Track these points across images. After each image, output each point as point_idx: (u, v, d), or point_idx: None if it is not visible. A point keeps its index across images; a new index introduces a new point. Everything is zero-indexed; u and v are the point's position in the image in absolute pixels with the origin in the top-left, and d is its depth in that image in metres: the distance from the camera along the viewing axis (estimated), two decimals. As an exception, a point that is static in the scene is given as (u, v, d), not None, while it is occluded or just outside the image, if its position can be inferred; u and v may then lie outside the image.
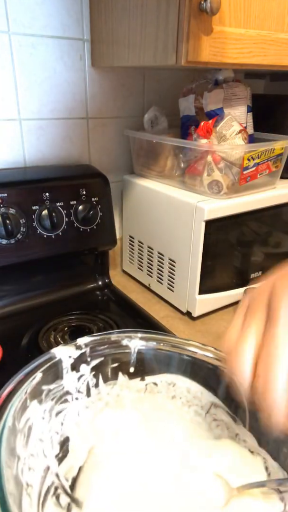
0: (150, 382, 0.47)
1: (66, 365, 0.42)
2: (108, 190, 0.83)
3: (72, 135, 0.86)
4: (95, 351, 0.44)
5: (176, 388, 0.46)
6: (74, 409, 0.43)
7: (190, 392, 0.46)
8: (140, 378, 0.46)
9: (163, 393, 0.47)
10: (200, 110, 0.80)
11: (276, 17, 0.65)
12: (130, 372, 0.46)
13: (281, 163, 0.83)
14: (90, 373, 0.44)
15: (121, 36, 0.70)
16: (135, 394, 0.47)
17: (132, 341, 0.45)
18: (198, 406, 0.46)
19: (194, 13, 0.56)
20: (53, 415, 0.41)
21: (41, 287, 0.85)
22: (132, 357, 0.45)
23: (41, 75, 0.78)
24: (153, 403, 0.47)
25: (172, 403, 0.46)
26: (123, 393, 0.46)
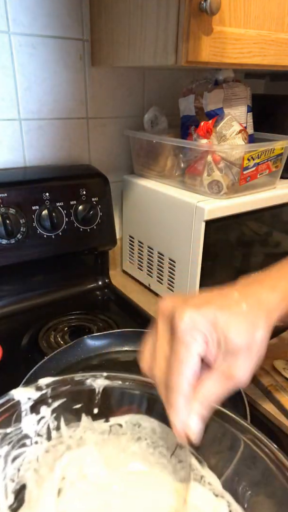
0: (115, 424, 0.44)
1: (25, 407, 0.39)
2: (108, 190, 0.83)
3: (72, 135, 0.86)
4: (57, 392, 0.41)
5: (141, 429, 0.44)
6: (33, 453, 0.41)
7: (156, 433, 0.44)
8: (104, 420, 0.44)
9: (128, 435, 0.45)
10: (200, 110, 0.80)
11: (276, 17, 0.65)
12: (94, 413, 0.44)
13: (281, 163, 0.83)
14: (51, 415, 0.41)
15: (121, 36, 0.70)
16: (99, 436, 0.44)
17: (96, 380, 0.43)
18: (164, 447, 0.44)
19: (194, 13, 0.56)
20: (8, 461, 0.38)
21: (41, 287, 0.85)
22: (96, 397, 0.43)
23: (41, 75, 0.78)
24: (117, 446, 0.45)
25: (137, 445, 0.44)
26: (86, 435, 0.44)
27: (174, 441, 0.42)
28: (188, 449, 0.41)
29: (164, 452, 0.44)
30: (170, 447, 0.43)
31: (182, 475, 0.42)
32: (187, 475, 0.40)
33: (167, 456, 0.43)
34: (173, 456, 0.43)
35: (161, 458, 0.44)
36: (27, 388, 0.40)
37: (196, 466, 0.41)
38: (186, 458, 0.41)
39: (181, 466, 0.43)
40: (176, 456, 0.43)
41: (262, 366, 0.65)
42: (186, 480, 0.40)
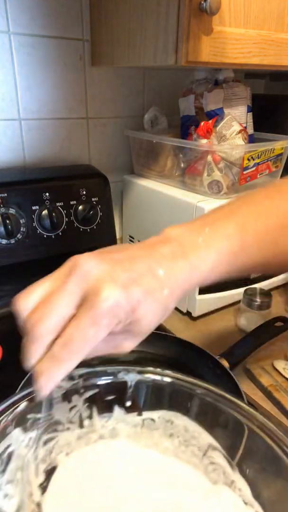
0: (148, 418, 0.45)
1: (56, 395, 0.40)
2: (108, 190, 0.83)
3: (72, 135, 0.86)
4: (89, 383, 0.42)
5: (173, 426, 0.44)
6: (65, 438, 0.42)
7: (188, 431, 0.44)
8: (137, 413, 0.44)
9: (160, 430, 0.45)
10: (200, 110, 0.80)
11: (276, 17, 0.65)
12: (127, 406, 0.44)
13: (281, 163, 0.83)
14: (83, 404, 0.42)
15: (121, 36, 0.70)
16: (132, 429, 0.45)
17: (129, 374, 0.44)
18: (195, 446, 0.43)
19: (194, 13, 0.56)
20: (40, 444, 0.39)
21: (41, 287, 0.85)
22: (129, 390, 0.44)
23: (41, 75, 0.78)
24: (150, 440, 0.45)
25: (169, 441, 0.45)
26: (119, 426, 0.45)
27: (206, 441, 0.43)
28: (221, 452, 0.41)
29: (196, 452, 0.44)
30: (201, 447, 0.43)
31: (213, 477, 0.42)
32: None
33: (199, 456, 0.43)
34: (204, 457, 0.43)
35: (193, 457, 0.44)
36: None
37: (227, 469, 0.41)
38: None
39: (212, 467, 0.42)
40: (207, 457, 0.43)
41: (262, 366, 0.66)
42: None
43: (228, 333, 0.78)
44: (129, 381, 0.44)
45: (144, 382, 0.44)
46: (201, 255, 0.36)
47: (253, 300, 0.75)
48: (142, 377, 0.44)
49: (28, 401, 0.38)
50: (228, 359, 0.64)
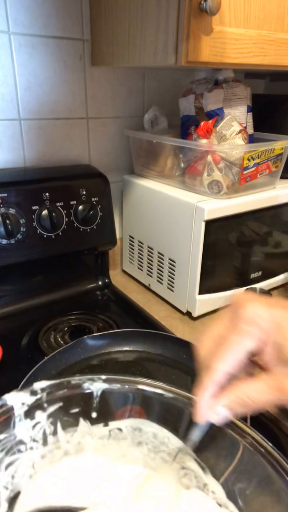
0: (114, 428, 0.43)
1: (18, 412, 0.38)
2: (108, 190, 0.83)
3: (72, 135, 0.86)
4: (53, 396, 0.40)
5: (142, 433, 0.43)
6: (28, 459, 0.39)
7: (157, 437, 0.42)
8: (103, 424, 0.43)
9: (128, 440, 0.43)
10: (200, 110, 0.80)
11: (276, 17, 0.65)
12: (92, 418, 0.42)
13: (281, 163, 0.83)
14: (47, 420, 0.40)
15: (121, 36, 0.70)
16: (98, 441, 0.43)
17: (94, 384, 0.42)
18: (165, 452, 0.42)
19: (194, 13, 0.56)
20: (2, 468, 0.37)
21: (41, 287, 0.85)
22: (95, 401, 0.42)
23: (41, 75, 0.78)
24: (117, 451, 0.43)
25: (138, 450, 0.43)
26: (85, 440, 0.43)
27: (176, 446, 0.42)
28: (192, 456, 0.40)
29: (166, 458, 0.43)
30: (171, 452, 0.42)
31: (185, 482, 0.41)
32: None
33: (169, 461, 0.42)
34: (174, 462, 0.42)
35: (163, 463, 0.43)
36: (21, 393, 0.39)
37: (199, 473, 0.41)
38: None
39: (184, 472, 0.42)
40: (178, 462, 0.42)
41: (262, 366, 0.65)
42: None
43: (228, 333, 0.77)
44: (94, 391, 0.42)
45: (111, 391, 0.42)
46: None
47: (253, 300, 0.75)
48: (109, 386, 0.42)
49: None
50: (228, 359, 0.64)
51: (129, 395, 0.42)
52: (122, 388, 0.42)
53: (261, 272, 0.88)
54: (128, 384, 0.42)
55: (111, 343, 0.66)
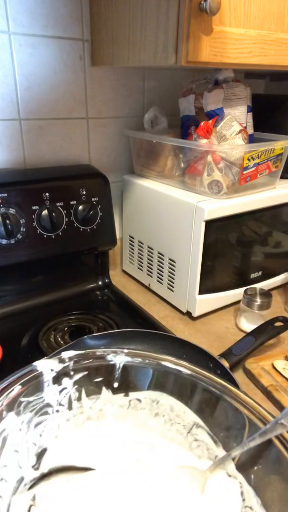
0: (134, 398, 0.46)
1: (47, 378, 0.41)
2: (108, 190, 0.83)
3: (72, 135, 0.86)
4: (79, 365, 0.43)
5: (159, 405, 0.46)
6: (54, 421, 0.43)
7: (173, 410, 0.45)
8: (124, 394, 0.46)
9: (146, 410, 0.46)
10: (200, 110, 0.80)
11: (276, 17, 0.65)
12: (114, 387, 0.45)
13: (281, 163, 0.83)
14: (73, 386, 0.43)
15: (121, 36, 0.70)
16: (118, 410, 0.46)
17: (117, 356, 0.45)
18: (180, 425, 0.45)
19: (194, 13, 0.56)
20: (31, 427, 0.40)
21: (41, 287, 0.85)
22: (117, 372, 0.45)
23: (41, 75, 0.78)
24: (136, 420, 0.46)
25: (155, 421, 0.46)
26: (106, 407, 0.46)
27: (192, 420, 0.44)
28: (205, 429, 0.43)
29: (181, 430, 0.45)
30: (187, 425, 0.44)
31: (197, 453, 0.44)
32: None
33: (183, 434, 0.45)
34: (189, 434, 0.44)
35: (178, 435, 0.45)
36: (50, 360, 0.42)
37: (212, 445, 0.43)
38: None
39: (197, 444, 0.44)
40: (192, 434, 0.44)
41: (262, 366, 0.66)
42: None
43: (228, 333, 0.78)
44: (117, 363, 0.45)
45: (132, 364, 0.45)
46: None
47: (253, 300, 0.75)
48: (130, 359, 0.45)
49: (21, 385, 0.39)
50: (228, 359, 0.64)
51: (149, 369, 0.45)
52: (143, 362, 0.45)
53: (261, 272, 0.88)
54: (148, 359, 0.45)
55: (111, 343, 0.66)
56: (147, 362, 0.45)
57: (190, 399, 0.44)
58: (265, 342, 0.69)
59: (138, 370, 0.45)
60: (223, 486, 0.40)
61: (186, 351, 0.64)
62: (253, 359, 0.67)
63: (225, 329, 0.79)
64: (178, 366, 0.45)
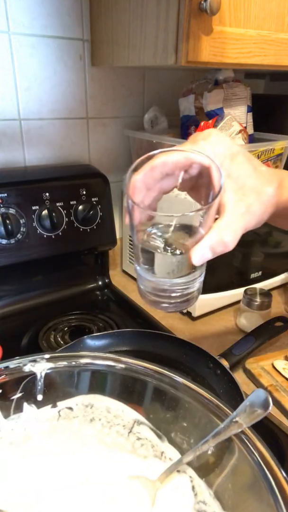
0: (64, 408, 0.41)
1: None
2: (108, 190, 0.83)
3: (72, 135, 0.86)
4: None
5: (94, 409, 0.41)
6: None
7: (110, 411, 0.41)
8: (51, 405, 0.40)
9: (80, 418, 0.41)
10: (200, 110, 0.80)
11: (276, 17, 0.65)
12: (38, 400, 0.40)
13: (281, 163, 0.83)
14: None
15: (121, 36, 0.70)
16: (46, 424, 0.40)
17: (36, 365, 0.40)
18: (120, 425, 0.41)
19: (194, 13, 0.56)
20: None
21: (41, 287, 0.85)
22: (39, 383, 0.40)
23: (41, 75, 0.78)
24: (68, 431, 0.41)
25: (91, 427, 0.41)
26: (31, 425, 0.40)
27: (131, 417, 0.40)
28: (148, 425, 0.40)
29: (121, 431, 0.41)
30: (127, 424, 0.41)
31: (142, 453, 0.40)
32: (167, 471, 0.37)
33: (124, 435, 0.41)
34: (131, 434, 0.41)
35: (119, 437, 0.41)
36: None
37: (155, 442, 0.40)
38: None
39: (140, 443, 0.40)
40: (134, 433, 0.41)
41: (262, 366, 0.66)
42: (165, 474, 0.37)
43: (228, 333, 0.78)
44: (37, 372, 0.40)
45: (56, 370, 0.40)
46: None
47: (253, 300, 0.75)
48: (53, 365, 0.40)
49: None
50: (228, 359, 0.64)
51: (78, 372, 0.41)
52: (68, 365, 0.40)
53: (261, 272, 0.88)
54: (74, 360, 0.40)
55: (111, 343, 0.66)
56: (74, 364, 0.40)
57: (131, 395, 0.41)
58: (265, 342, 0.69)
59: (64, 375, 0.41)
60: (171, 484, 0.37)
61: (186, 351, 0.64)
62: (253, 359, 0.67)
63: (225, 329, 0.79)
64: (109, 361, 0.40)
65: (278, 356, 0.68)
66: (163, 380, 0.39)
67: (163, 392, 0.39)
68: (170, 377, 0.39)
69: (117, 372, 0.40)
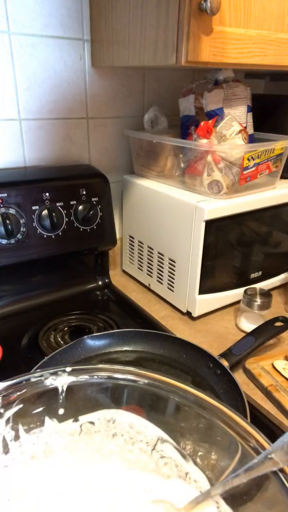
0: (86, 422, 0.40)
1: None
2: (108, 190, 0.83)
3: (72, 135, 0.86)
4: (9, 400, 0.37)
5: (116, 424, 0.40)
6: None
7: (133, 427, 0.40)
8: (73, 419, 0.40)
9: (102, 432, 0.40)
10: (200, 110, 0.80)
11: (276, 17, 0.65)
12: (60, 414, 0.39)
13: (281, 163, 0.83)
14: (6, 426, 0.37)
15: (121, 36, 0.70)
16: (68, 439, 0.40)
17: (58, 379, 0.39)
18: (143, 442, 0.40)
19: (194, 13, 0.56)
20: None
21: (41, 287, 0.85)
22: (60, 396, 0.39)
23: (41, 75, 0.78)
24: (91, 446, 0.40)
25: (113, 442, 0.40)
26: (52, 439, 0.39)
27: (155, 435, 0.39)
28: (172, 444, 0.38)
29: (144, 448, 0.40)
30: (150, 441, 0.40)
31: (166, 472, 0.39)
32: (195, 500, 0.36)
33: (147, 452, 0.40)
34: (154, 451, 0.40)
35: (141, 454, 0.40)
36: None
37: (180, 461, 0.38)
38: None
39: (163, 462, 0.39)
40: (157, 451, 0.40)
41: (262, 366, 0.66)
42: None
43: (228, 333, 0.78)
44: (59, 386, 0.39)
45: (78, 384, 0.39)
46: None
47: (253, 300, 0.75)
48: (75, 378, 0.39)
49: None
50: (228, 359, 0.64)
51: (100, 386, 0.40)
52: (91, 379, 0.39)
53: (261, 272, 0.88)
54: (97, 374, 0.40)
55: (111, 343, 0.66)
56: (96, 378, 0.40)
57: (153, 410, 0.39)
58: (265, 342, 0.69)
59: (86, 389, 0.40)
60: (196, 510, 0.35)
61: (186, 351, 0.64)
62: (253, 359, 0.67)
63: (225, 329, 0.79)
64: (132, 376, 0.39)
65: (278, 356, 0.68)
66: (187, 398, 0.38)
67: (186, 409, 0.38)
68: (195, 394, 0.38)
69: (138, 387, 0.39)
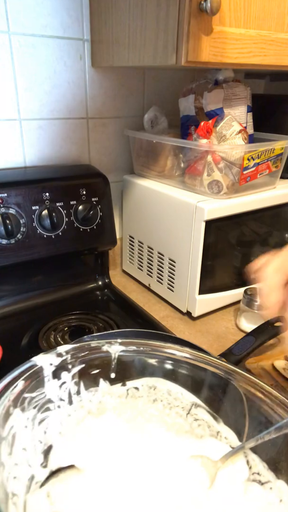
0: (131, 387, 0.47)
1: (47, 372, 0.42)
2: (108, 190, 0.83)
3: (72, 135, 0.86)
4: (76, 358, 0.44)
5: (157, 391, 0.47)
6: (57, 417, 0.43)
7: (171, 394, 0.46)
8: (121, 384, 0.46)
9: (144, 397, 0.47)
10: (200, 110, 0.80)
11: (276, 17, 0.65)
12: (111, 378, 0.46)
13: (281, 163, 0.83)
14: (72, 380, 0.44)
15: (121, 36, 0.70)
16: (117, 400, 0.47)
17: (112, 346, 0.46)
18: (179, 407, 0.46)
19: (194, 13, 0.56)
20: (36, 424, 0.41)
21: (41, 287, 0.85)
22: (113, 362, 0.46)
23: (41, 75, 0.78)
24: (135, 408, 0.47)
25: (154, 407, 0.47)
26: (105, 399, 0.46)
27: (189, 400, 0.46)
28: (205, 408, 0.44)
29: (180, 412, 0.46)
30: (185, 406, 0.46)
31: (199, 433, 0.45)
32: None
33: (183, 416, 0.46)
34: (189, 415, 0.45)
35: (178, 418, 0.46)
36: (48, 355, 0.43)
37: (212, 423, 0.44)
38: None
39: (197, 424, 0.45)
40: (192, 415, 0.45)
41: (262, 366, 0.66)
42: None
43: (228, 333, 0.78)
44: (112, 353, 0.45)
45: (127, 353, 0.46)
46: None
47: (253, 300, 0.75)
48: (125, 348, 0.46)
49: (23, 380, 0.39)
50: (228, 359, 0.64)
51: (144, 357, 0.46)
52: (137, 349, 0.46)
53: (261, 272, 0.88)
54: (143, 346, 0.46)
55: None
56: (141, 350, 0.46)
57: (190, 384, 0.46)
58: (265, 342, 0.69)
59: (133, 358, 0.46)
60: (228, 461, 0.41)
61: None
62: (253, 359, 0.67)
63: (225, 329, 0.79)
64: (172, 350, 0.46)
65: (278, 356, 0.68)
66: (223, 370, 0.44)
67: (223, 383, 0.44)
68: (232, 369, 0.44)
69: (180, 360, 0.46)
